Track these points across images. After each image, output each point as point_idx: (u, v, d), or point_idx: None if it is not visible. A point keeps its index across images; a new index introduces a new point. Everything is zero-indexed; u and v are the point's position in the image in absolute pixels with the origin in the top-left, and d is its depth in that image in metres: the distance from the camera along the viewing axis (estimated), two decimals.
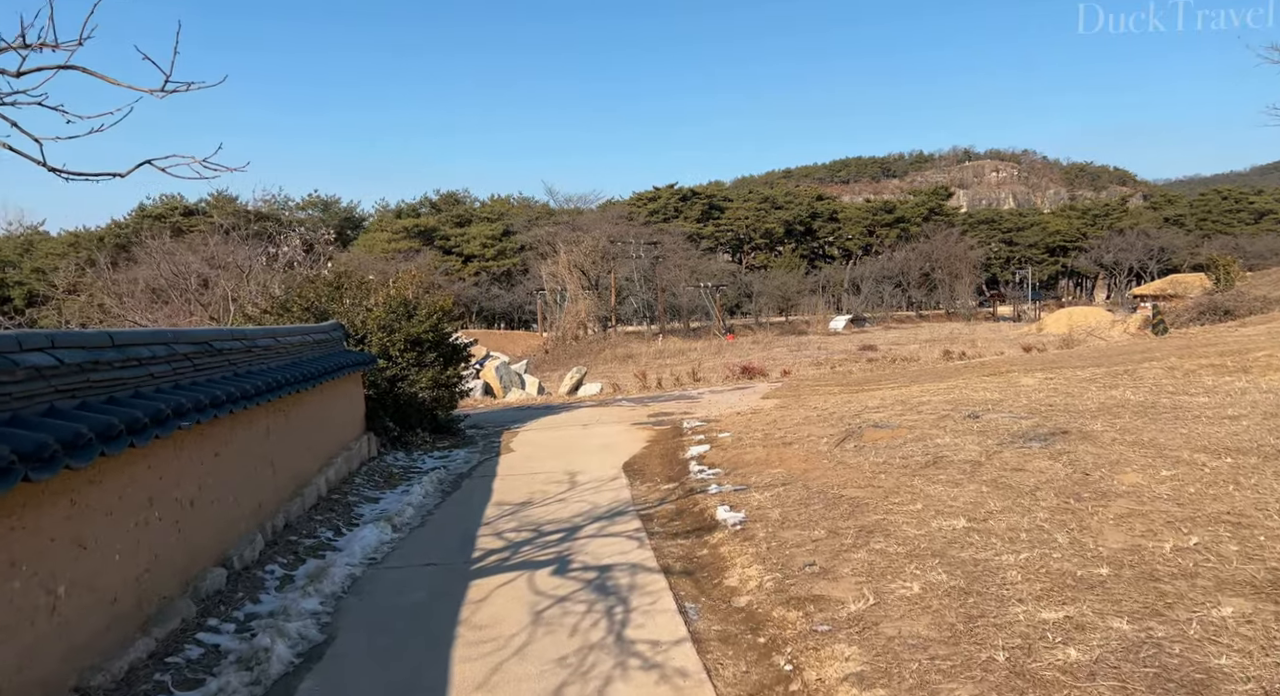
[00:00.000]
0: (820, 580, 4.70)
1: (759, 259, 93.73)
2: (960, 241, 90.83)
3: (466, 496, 8.28)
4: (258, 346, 6.53)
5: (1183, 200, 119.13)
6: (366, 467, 9.38)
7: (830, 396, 13.61)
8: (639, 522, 6.70)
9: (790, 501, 6.62)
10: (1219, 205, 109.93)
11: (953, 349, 22.43)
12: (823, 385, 15.64)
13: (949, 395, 11.69)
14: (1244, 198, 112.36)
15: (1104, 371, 11.86)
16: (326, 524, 6.70)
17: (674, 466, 9.14)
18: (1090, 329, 40.53)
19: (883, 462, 7.71)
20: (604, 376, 29.41)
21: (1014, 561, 4.51)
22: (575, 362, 37.73)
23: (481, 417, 15.26)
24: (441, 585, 5.32)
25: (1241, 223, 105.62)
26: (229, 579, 4.97)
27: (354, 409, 9.94)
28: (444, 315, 12.46)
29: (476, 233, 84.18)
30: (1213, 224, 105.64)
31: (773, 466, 8.21)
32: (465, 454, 11.09)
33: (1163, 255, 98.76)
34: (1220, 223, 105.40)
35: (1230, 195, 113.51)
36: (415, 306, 12.23)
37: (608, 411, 14.85)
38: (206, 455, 5.03)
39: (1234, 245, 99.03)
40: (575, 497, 7.88)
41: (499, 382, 21.81)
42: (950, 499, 6.09)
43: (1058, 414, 9.05)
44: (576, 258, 45.70)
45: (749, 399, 14.90)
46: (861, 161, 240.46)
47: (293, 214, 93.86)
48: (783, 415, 11.68)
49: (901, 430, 9.18)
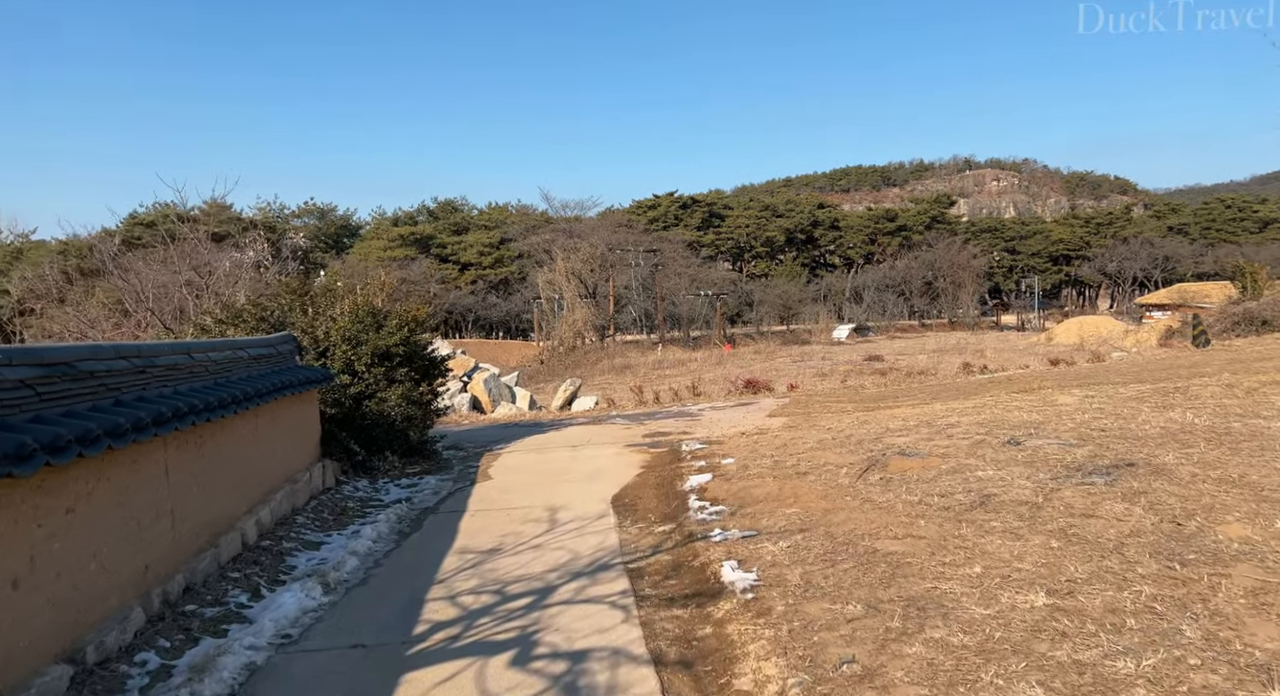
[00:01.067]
0: (865, 690, 3.47)
1: (759, 267, 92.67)
2: (963, 250, 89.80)
3: (426, 539, 7.05)
4: (157, 366, 5.31)
5: (1186, 209, 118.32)
6: (317, 502, 8.15)
7: (844, 415, 12.39)
8: (627, 582, 5.46)
9: (812, 556, 5.39)
10: (1222, 214, 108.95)
11: (971, 362, 21.20)
12: (834, 401, 14.41)
13: (979, 415, 10.47)
14: (1248, 206, 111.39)
15: (1151, 388, 10.64)
16: (244, 583, 5.47)
17: (671, 500, 7.92)
18: (1102, 338, 39.33)
19: (917, 502, 6.48)
20: (600, 388, 28.18)
21: (1136, 671, 3.27)
22: (571, 373, 36.51)
23: (464, 436, 14.02)
24: (364, 682, 4.08)
25: (1246, 232, 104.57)
26: (74, 680, 3.73)
27: (305, 433, 8.72)
28: (417, 325, 11.26)
29: (474, 241, 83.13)
30: (1216, 233, 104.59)
31: (786, 504, 6.98)
32: (436, 481, 9.86)
33: (1167, 264, 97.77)
34: (1224, 231, 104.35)
35: (1234, 204, 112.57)
36: (385, 316, 11.02)
37: (601, 430, 13.61)
38: (50, 513, 3.81)
39: (1239, 254, 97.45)
40: (554, 542, 6.65)
41: (488, 396, 20.59)
42: (1014, 557, 4.86)
43: (1114, 440, 7.83)
44: (574, 265, 44.48)
45: (754, 417, 13.67)
46: (862, 170, 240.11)
47: (287, 222, 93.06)
48: (793, 438, 10.45)
49: (933, 459, 7.95)
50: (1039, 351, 38.44)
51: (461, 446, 12.69)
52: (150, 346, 5.40)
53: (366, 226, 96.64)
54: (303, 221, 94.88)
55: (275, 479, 7.43)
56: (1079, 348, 37.78)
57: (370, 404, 10.48)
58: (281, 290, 11.75)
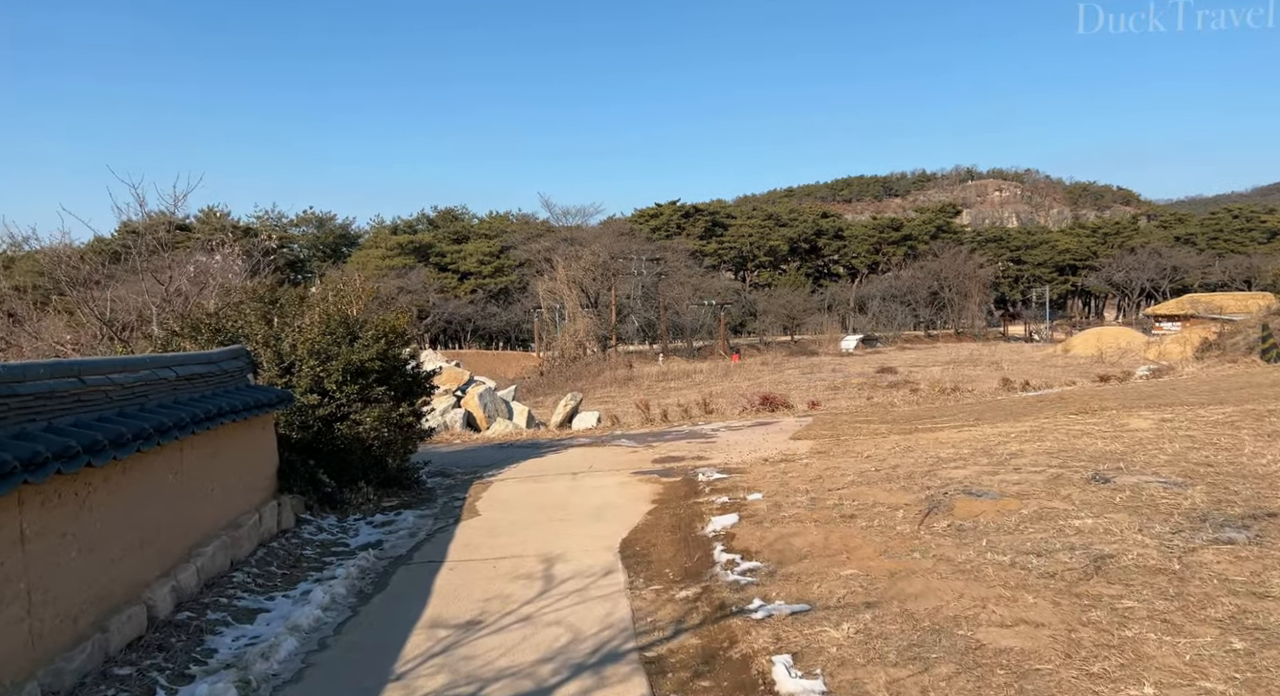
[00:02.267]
0: None
1: (763, 277, 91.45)
2: (970, 259, 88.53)
3: (390, 605, 5.68)
4: (19, 395, 3.97)
5: (1193, 219, 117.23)
6: (266, 550, 6.78)
7: (879, 438, 11.02)
8: (645, 685, 4.10)
9: (893, 651, 4.03)
10: (1230, 224, 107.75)
11: (1010, 377, 19.72)
12: (864, 422, 13.04)
13: (1041, 442, 9.10)
14: (1255, 216, 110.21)
15: (1237, 411, 9.29)
16: (134, 685, 4.10)
17: (692, 550, 6.55)
18: (1122, 350, 37.94)
19: (1009, 564, 5.12)
20: (602, 402, 26.82)
21: None
22: (572, 386, 35.16)
23: (453, 459, 12.66)
24: None
25: (1254, 242, 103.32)
26: None
27: (255, 466, 7.36)
28: (396, 337, 9.91)
29: (474, 249, 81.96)
30: (1224, 243, 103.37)
31: (838, 561, 5.62)
32: (415, 518, 8.50)
33: (1175, 275, 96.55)
34: (1232, 242, 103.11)
35: (1241, 214, 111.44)
36: (361, 326, 9.69)
37: (605, 453, 12.25)
38: None
39: (1248, 265, 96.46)
40: (549, 613, 5.29)
41: (483, 412, 19.22)
42: (1189, 667, 3.50)
43: (1231, 480, 6.47)
44: (575, 273, 43.12)
45: (775, 439, 12.31)
46: (864, 180, 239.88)
47: (285, 231, 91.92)
48: (828, 467, 9.08)
49: (1009, 501, 6.58)
50: (1058, 363, 37.08)
51: (449, 473, 11.33)
52: (12, 368, 4.06)
53: (366, 235, 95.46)
54: (301, 230, 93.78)
55: (209, 526, 6.07)
56: (1098, 360, 36.41)
57: (342, 427, 9.13)
58: (246, 298, 10.43)
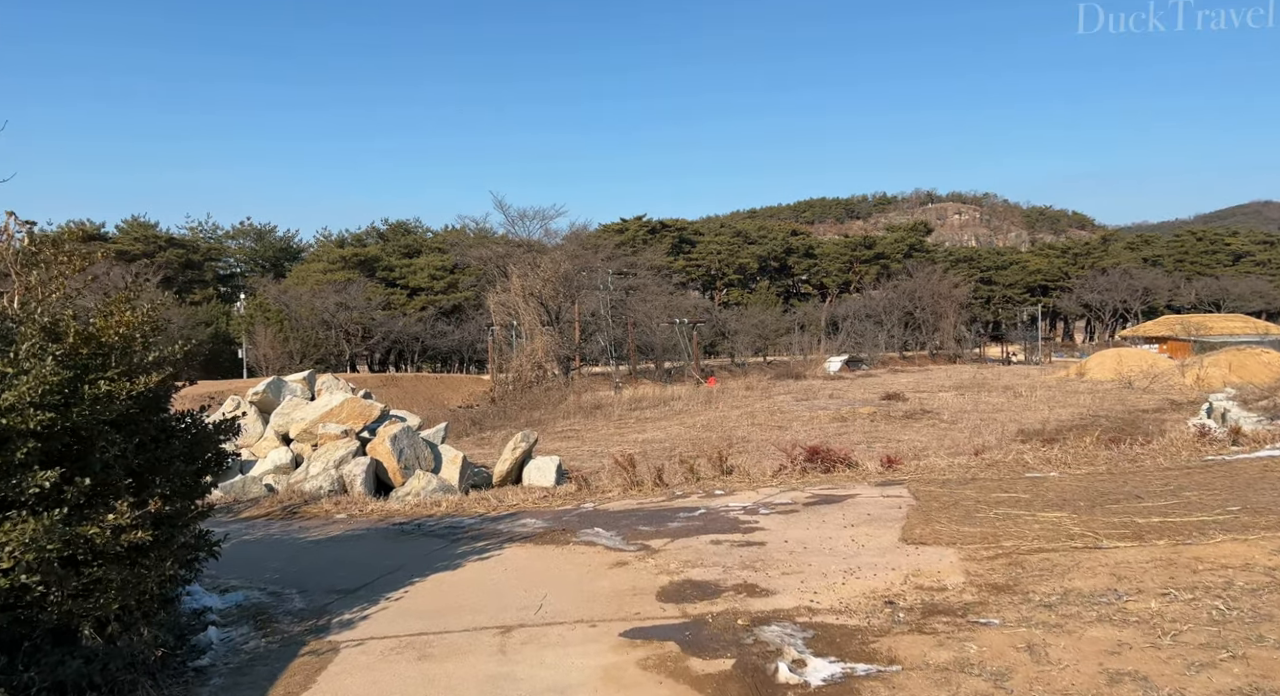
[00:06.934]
0: None
1: (733, 295, 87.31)
2: (944, 279, 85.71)
3: None
4: None
5: (1160, 240, 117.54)
6: None
7: (1095, 554, 5.97)
8: None
9: None
10: (1195, 246, 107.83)
11: (1033, 405, 14.70)
12: (1014, 507, 7.96)
13: None
14: (1219, 239, 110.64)
15: None
16: None
17: None
18: (1150, 374, 33.88)
19: None
20: (566, 438, 21.50)
21: None
22: (528, 415, 29.74)
23: (304, 563, 7.27)
24: None
25: (1220, 264, 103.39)
26: None
27: None
28: (120, 354, 4.58)
29: (424, 264, 76.08)
30: (1190, 265, 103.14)
31: None
32: None
33: (1146, 296, 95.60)
34: (1199, 264, 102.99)
35: (1205, 236, 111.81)
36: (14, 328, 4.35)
37: (568, 570, 6.96)
38: None
39: (1218, 286, 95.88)
40: None
41: (396, 462, 13.76)
42: None
43: None
44: (533, 284, 37.84)
45: (873, 540, 7.14)
46: (826, 202, 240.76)
47: (220, 242, 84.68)
48: (1036, 644, 3.98)
49: None
50: (1079, 388, 32.89)
51: (273, 608, 5.97)
52: None
53: (310, 249, 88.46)
54: (237, 242, 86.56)
55: None
56: (1126, 385, 32.29)
57: None
58: None
